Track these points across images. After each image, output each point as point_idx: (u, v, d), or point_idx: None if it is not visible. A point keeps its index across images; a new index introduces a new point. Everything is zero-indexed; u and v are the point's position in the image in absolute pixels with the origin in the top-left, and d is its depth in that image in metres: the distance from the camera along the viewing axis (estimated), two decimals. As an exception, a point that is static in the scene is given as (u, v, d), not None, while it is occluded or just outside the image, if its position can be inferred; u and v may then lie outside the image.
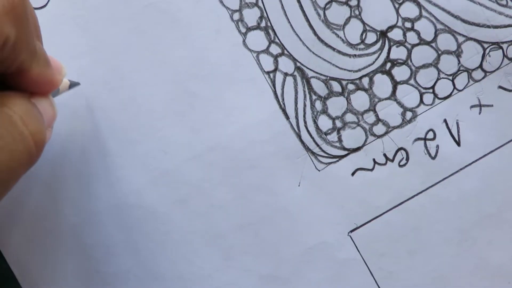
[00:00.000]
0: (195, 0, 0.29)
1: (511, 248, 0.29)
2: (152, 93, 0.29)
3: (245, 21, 0.29)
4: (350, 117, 0.29)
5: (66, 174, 0.30)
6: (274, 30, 0.29)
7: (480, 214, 0.29)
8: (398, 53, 0.29)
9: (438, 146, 0.29)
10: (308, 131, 0.29)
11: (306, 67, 0.29)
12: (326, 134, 0.29)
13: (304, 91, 0.29)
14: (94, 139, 0.29)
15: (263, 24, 0.29)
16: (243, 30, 0.29)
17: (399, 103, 0.29)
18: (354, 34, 0.29)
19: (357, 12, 0.29)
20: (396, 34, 0.29)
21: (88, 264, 0.30)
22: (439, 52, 0.29)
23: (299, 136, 0.29)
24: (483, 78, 0.29)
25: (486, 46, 0.29)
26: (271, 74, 0.29)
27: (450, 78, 0.29)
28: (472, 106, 0.29)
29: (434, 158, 0.29)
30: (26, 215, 0.30)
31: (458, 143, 0.29)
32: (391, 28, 0.29)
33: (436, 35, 0.29)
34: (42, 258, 0.30)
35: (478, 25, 0.29)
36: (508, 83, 0.29)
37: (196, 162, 0.29)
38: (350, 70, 0.29)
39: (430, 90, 0.29)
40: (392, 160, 0.29)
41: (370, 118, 0.29)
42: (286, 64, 0.29)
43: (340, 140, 0.29)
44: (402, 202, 0.29)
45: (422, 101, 0.29)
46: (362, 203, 0.29)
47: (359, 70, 0.29)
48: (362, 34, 0.29)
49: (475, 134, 0.29)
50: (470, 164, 0.29)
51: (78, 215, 0.30)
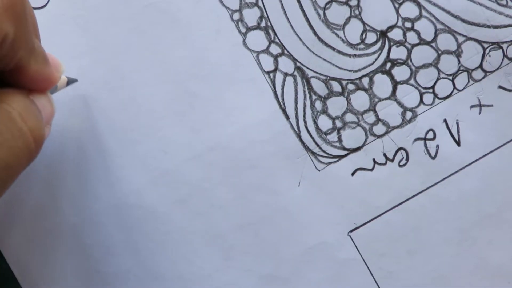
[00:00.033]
0: (195, 0, 0.29)
1: (511, 248, 0.29)
2: (152, 93, 0.29)
3: (245, 21, 0.29)
4: (350, 117, 0.29)
5: (67, 174, 0.30)
6: (274, 30, 0.29)
7: (480, 214, 0.29)
8: (398, 53, 0.29)
9: (438, 146, 0.29)
10: (308, 131, 0.29)
11: (306, 67, 0.29)
12: (326, 134, 0.29)
13: (304, 91, 0.29)
14: (94, 139, 0.29)
15: (263, 24, 0.29)
16: (243, 30, 0.29)
17: (399, 103, 0.29)
18: (354, 34, 0.29)
19: (357, 12, 0.29)
20: (396, 34, 0.29)
21: (88, 264, 0.30)
22: (439, 52, 0.29)
23: (299, 136, 0.29)
24: (483, 78, 0.29)
25: (486, 46, 0.29)
26: (271, 74, 0.29)
27: (450, 78, 0.29)
28: (472, 106, 0.29)
29: (434, 158, 0.29)
30: (26, 215, 0.30)
31: (458, 143, 0.29)
32: (391, 28, 0.29)
33: (436, 35, 0.29)
34: (42, 258, 0.30)
35: (478, 25, 0.29)
36: (508, 83, 0.29)
37: (196, 162, 0.29)
38: (350, 70, 0.29)
39: (430, 90, 0.29)
40: (392, 160, 0.29)
41: (370, 118, 0.29)
42: (286, 64, 0.29)
43: (340, 140, 0.29)
44: (402, 202, 0.29)
45: (422, 101, 0.29)
46: (362, 203, 0.29)
47: (359, 70, 0.29)
48: (362, 34, 0.29)
49: (475, 134, 0.29)
50: (470, 164, 0.29)
51: (78, 215, 0.30)
